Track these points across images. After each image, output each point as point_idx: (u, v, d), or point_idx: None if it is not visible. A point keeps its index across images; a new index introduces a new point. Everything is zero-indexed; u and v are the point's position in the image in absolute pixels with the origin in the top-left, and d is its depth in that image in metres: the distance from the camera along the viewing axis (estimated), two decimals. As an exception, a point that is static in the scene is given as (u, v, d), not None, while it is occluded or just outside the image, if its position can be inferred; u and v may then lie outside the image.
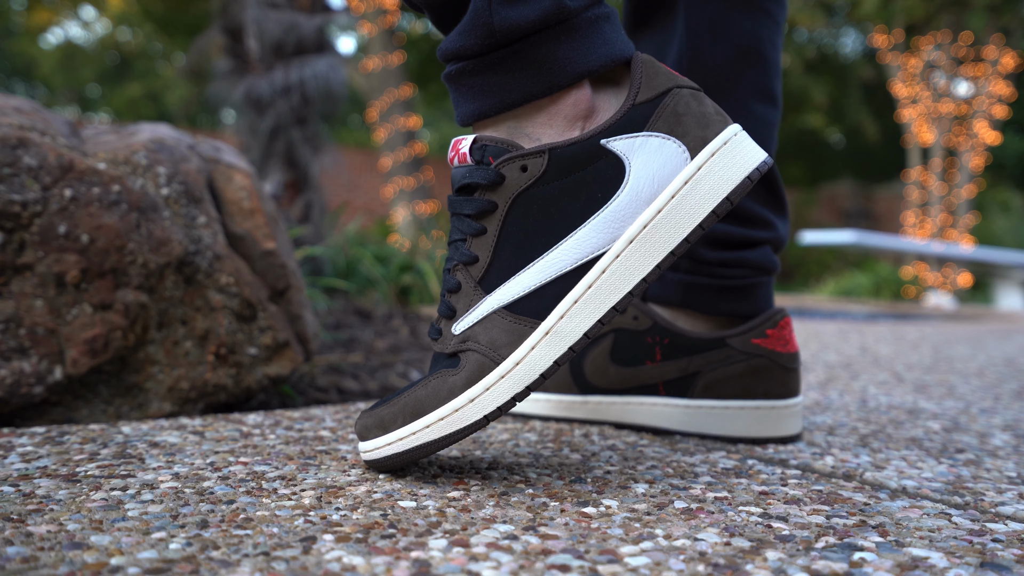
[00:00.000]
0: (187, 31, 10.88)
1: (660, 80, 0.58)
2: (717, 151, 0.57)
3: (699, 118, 0.57)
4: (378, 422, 0.58)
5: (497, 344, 0.56)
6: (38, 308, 0.75)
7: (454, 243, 0.59)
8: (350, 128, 14.02)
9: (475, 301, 0.57)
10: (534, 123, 0.58)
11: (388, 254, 2.19)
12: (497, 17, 0.55)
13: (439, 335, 0.59)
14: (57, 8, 12.73)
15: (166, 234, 0.82)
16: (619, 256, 0.56)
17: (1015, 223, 8.70)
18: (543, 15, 0.56)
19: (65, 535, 0.44)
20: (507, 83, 0.57)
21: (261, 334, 0.88)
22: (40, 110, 0.88)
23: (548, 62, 0.57)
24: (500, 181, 0.56)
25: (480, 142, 0.57)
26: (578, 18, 0.57)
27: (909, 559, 0.45)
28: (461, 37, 0.57)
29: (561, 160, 0.56)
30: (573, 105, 0.58)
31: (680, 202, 0.56)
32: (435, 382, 0.57)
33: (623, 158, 0.56)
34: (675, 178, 0.56)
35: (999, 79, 7.95)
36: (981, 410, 1.03)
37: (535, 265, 0.56)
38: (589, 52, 0.58)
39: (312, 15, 2.22)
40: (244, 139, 2.21)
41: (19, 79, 13.66)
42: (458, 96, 0.60)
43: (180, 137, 0.95)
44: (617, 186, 0.56)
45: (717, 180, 0.56)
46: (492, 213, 0.57)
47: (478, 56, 0.57)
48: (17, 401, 0.74)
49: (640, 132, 0.56)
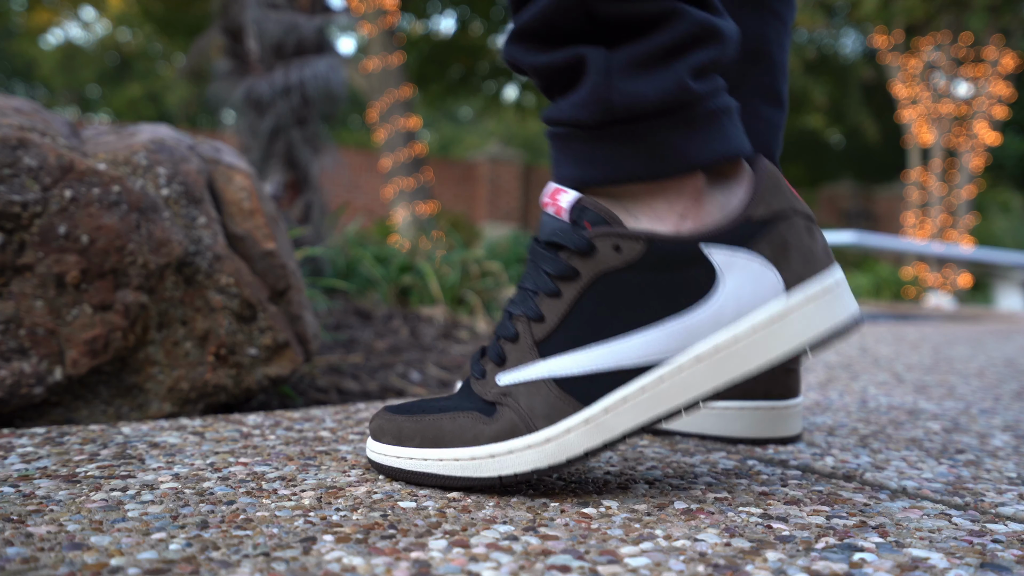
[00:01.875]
0: (187, 32, 10.88)
1: (779, 200, 0.55)
2: (813, 297, 0.54)
3: (806, 254, 0.55)
4: (395, 431, 0.57)
5: (535, 413, 0.54)
6: (38, 309, 0.75)
7: (524, 291, 0.57)
8: (350, 128, 14.03)
9: (527, 360, 0.55)
10: (636, 201, 0.56)
11: (388, 254, 2.19)
12: (617, 94, 0.53)
13: (482, 376, 0.57)
14: (57, 8, 12.73)
15: (166, 235, 0.82)
16: (682, 371, 0.53)
17: (1015, 224, 8.71)
18: (665, 99, 0.53)
19: (65, 536, 0.44)
20: (617, 159, 0.55)
21: (261, 335, 0.88)
22: (40, 111, 0.88)
23: (663, 147, 0.54)
24: (590, 253, 0.54)
25: (583, 204, 0.55)
26: (700, 107, 0.55)
27: (909, 560, 0.45)
28: (575, 109, 0.55)
29: (658, 253, 0.53)
30: (679, 193, 0.55)
31: (760, 338, 0.54)
32: (465, 420, 0.56)
33: (718, 271, 0.53)
34: (762, 311, 0.54)
35: (999, 80, 7.95)
36: (981, 411, 1.03)
37: (597, 349, 0.54)
38: (706, 144, 0.55)
39: (312, 16, 2.22)
40: (244, 140, 2.21)
41: (19, 79, 13.66)
42: (561, 157, 0.57)
43: (180, 138, 0.95)
44: (703, 298, 0.53)
45: (804, 327, 0.54)
46: (572, 281, 0.54)
47: (590, 128, 0.55)
48: (17, 402, 0.74)
49: (743, 249, 0.54)
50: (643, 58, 0.54)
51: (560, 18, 0.54)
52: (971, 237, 8.27)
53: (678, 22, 0.54)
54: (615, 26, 0.54)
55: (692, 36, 0.54)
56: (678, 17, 0.54)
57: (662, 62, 0.54)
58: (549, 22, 0.55)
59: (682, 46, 0.54)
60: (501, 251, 2.45)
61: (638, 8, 0.54)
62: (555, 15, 0.54)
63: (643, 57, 0.54)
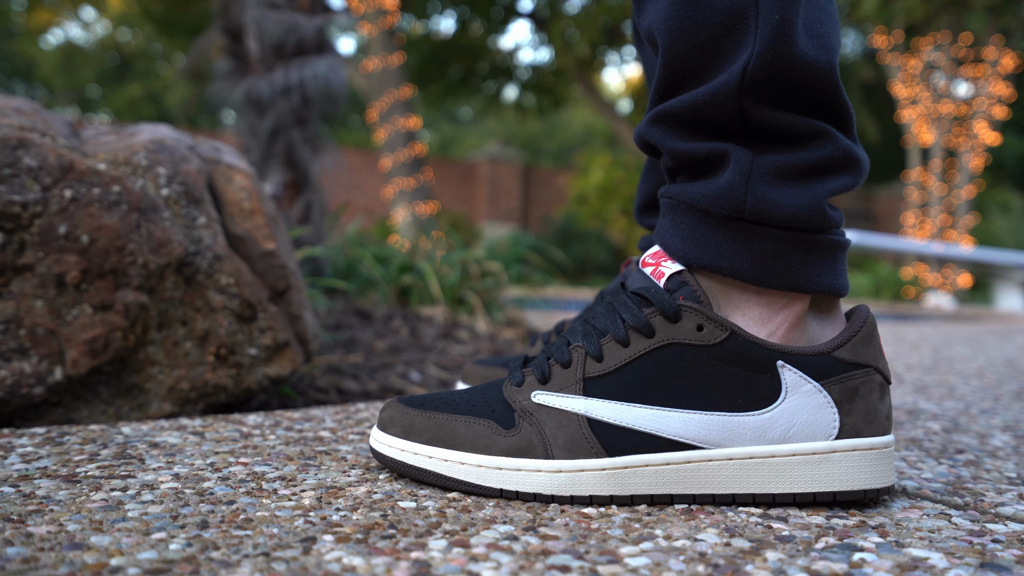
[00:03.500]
0: (187, 32, 10.88)
1: (868, 353, 0.55)
2: (861, 455, 0.54)
3: (869, 412, 0.55)
4: (405, 424, 0.57)
5: (557, 442, 0.54)
6: (38, 309, 0.75)
7: (591, 327, 0.57)
8: (350, 129, 14.02)
9: (570, 391, 0.55)
10: (730, 298, 0.56)
11: (388, 255, 2.19)
12: (752, 197, 0.54)
13: (519, 384, 0.57)
14: (57, 9, 12.73)
15: (166, 235, 0.82)
16: (710, 462, 0.54)
17: (1015, 224, 8.71)
18: (797, 215, 0.54)
19: (65, 536, 0.44)
20: (729, 253, 0.55)
21: (261, 335, 0.88)
22: (40, 111, 0.88)
23: (778, 261, 0.55)
24: (673, 320, 0.54)
25: (685, 279, 0.56)
26: (825, 236, 0.56)
27: (909, 559, 0.45)
28: (706, 198, 0.55)
29: (735, 348, 0.54)
30: (778, 308, 0.56)
31: (795, 465, 0.54)
32: (480, 427, 0.56)
33: (784, 389, 0.54)
34: (807, 444, 0.54)
35: (999, 80, 7.95)
36: (981, 411, 1.03)
37: (640, 409, 0.54)
38: (818, 272, 0.56)
39: (312, 16, 2.22)
40: (244, 140, 2.21)
41: (19, 80, 13.66)
42: (672, 227, 0.58)
43: (180, 138, 0.95)
44: (759, 407, 0.54)
45: (840, 476, 0.54)
46: (645, 337, 0.55)
47: (714, 217, 0.55)
48: (17, 402, 0.74)
49: (815, 382, 0.54)
50: (786, 170, 0.55)
51: (712, 113, 0.55)
52: (971, 237, 8.27)
53: (825, 144, 0.55)
54: (763, 132, 0.55)
55: (835, 161, 0.55)
56: (826, 139, 0.55)
57: (803, 179, 0.55)
58: (700, 114, 0.55)
59: (825, 168, 0.55)
60: (501, 251, 2.45)
61: (790, 121, 0.55)
62: (708, 109, 0.55)
63: (786, 169, 0.55)
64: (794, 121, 0.55)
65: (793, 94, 0.54)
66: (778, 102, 0.55)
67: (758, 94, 0.54)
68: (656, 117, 0.58)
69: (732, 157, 0.55)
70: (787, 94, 0.54)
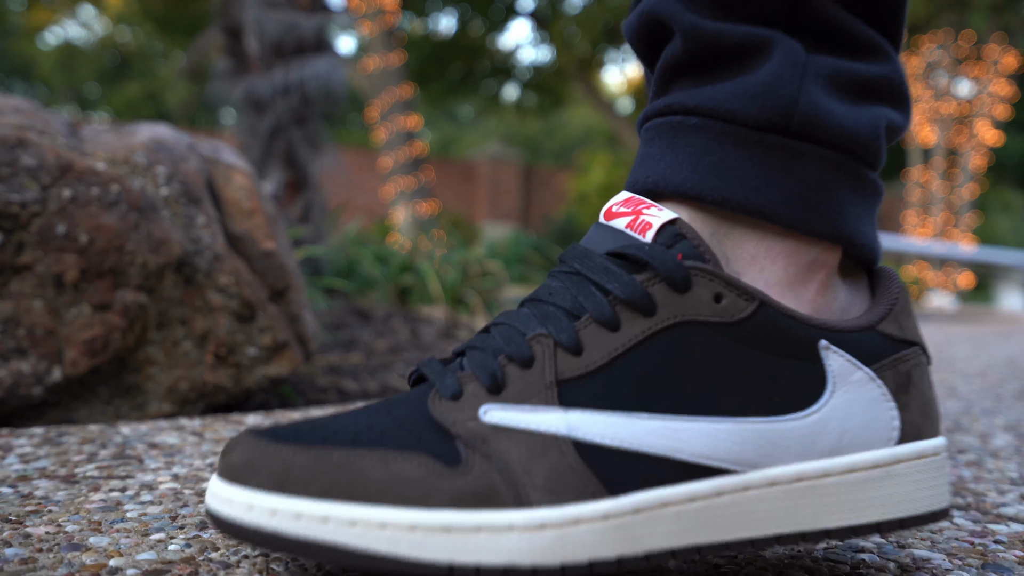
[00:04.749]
0: (187, 30, 10.89)
1: (912, 327, 0.43)
2: (925, 464, 0.41)
3: (926, 406, 0.42)
4: (276, 470, 0.35)
5: (533, 480, 0.35)
6: (37, 309, 0.75)
7: (555, 307, 0.39)
8: (350, 128, 14.02)
9: (539, 400, 0.37)
10: (741, 246, 0.41)
11: (388, 254, 2.19)
12: (805, 97, 0.40)
13: (455, 395, 0.37)
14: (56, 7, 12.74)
15: (165, 234, 0.82)
16: (747, 491, 0.38)
17: (1017, 223, 8.71)
18: (856, 137, 0.41)
19: (64, 536, 0.44)
20: (759, 181, 0.40)
21: (261, 334, 0.88)
22: (39, 110, 0.88)
23: (823, 194, 0.41)
24: (681, 289, 0.38)
25: (681, 229, 0.39)
26: (873, 174, 0.43)
27: (910, 560, 0.45)
28: (738, 98, 0.40)
29: (767, 325, 0.38)
30: (803, 263, 0.42)
31: (853, 488, 0.39)
32: (407, 467, 0.35)
33: (829, 379, 0.39)
34: (866, 455, 0.40)
35: (1001, 79, 7.95)
36: (983, 411, 1.03)
37: (647, 421, 0.37)
38: (863, 218, 0.43)
39: (312, 15, 2.22)
40: (244, 139, 2.21)
41: (18, 78, 13.66)
42: (671, 151, 0.42)
43: (179, 137, 0.95)
44: (801, 406, 0.39)
45: (903, 494, 0.40)
46: (643, 315, 0.38)
47: (742, 126, 0.41)
48: (16, 402, 0.74)
49: (866, 367, 0.40)
50: (843, 79, 0.42)
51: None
52: (973, 237, 8.27)
53: (885, 62, 0.44)
54: (815, 28, 0.42)
55: (892, 87, 0.44)
56: (885, 57, 0.44)
57: (861, 96, 0.43)
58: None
59: (883, 91, 0.44)
60: (501, 250, 2.44)
61: (850, 23, 0.42)
62: None
63: (844, 78, 0.42)
64: (853, 25, 0.42)
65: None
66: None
67: None
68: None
69: (779, 46, 0.41)
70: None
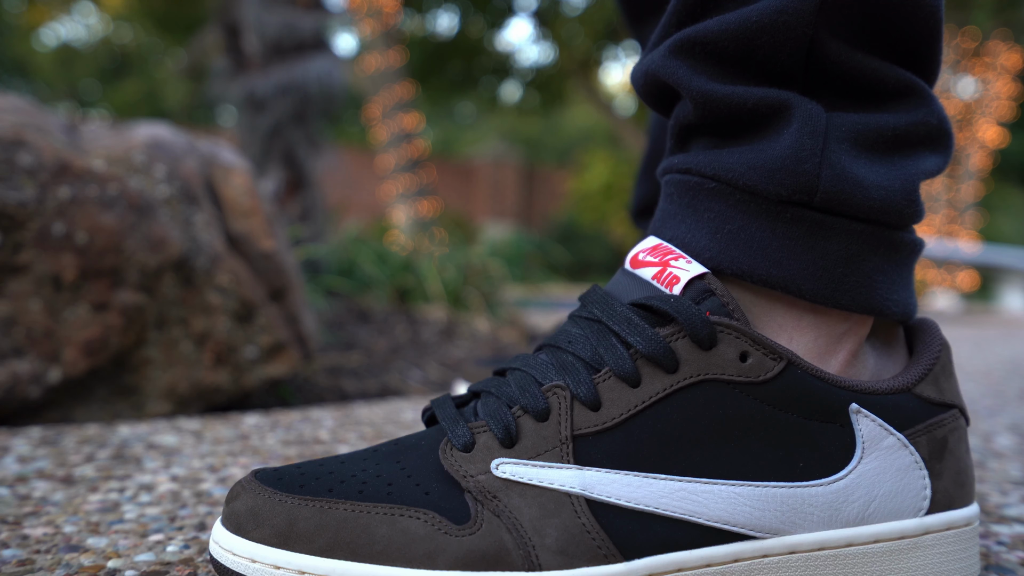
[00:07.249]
0: (186, 28, 10.88)
1: (952, 389, 0.41)
2: (954, 529, 0.39)
3: (960, 474, 0.40)
4: (280, 523, 0.34)
5: (543, 541, 0.35)
6: (35, 309, 0.75)
7: (573, 356, 0.38)
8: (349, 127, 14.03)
9: (554, 456, 0.36)
10: (771, 316, 0.39)
11: (388, 254, 2.19)
12: (828, 175, 0.37)
13: (468, 447, 0.37)
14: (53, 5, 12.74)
15: (164, 234, 0.81)
16: (766, 557, 0.37)
17: (1020, 223, 8.71)
18: (887, 206, 0.38)
19: (62, 537, 0.44)
20: (782, 254, 0.38)
21: (259, 334, 0.88)
22: (37, 109, 0.88)
23: (851, 268, 0.38)
24: (706, 346, 0.36)
25: (711, 286, 0.37)
26: (907, 235, 0.40)
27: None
28: (755, 172, 0.37)
29: (794, 386, 0.37)
30: (833, 335, 0.39)
31: (878, 559, 0.38)
32: (412, 523, 0.34)
33: (859, 444, 0.37)
34: (893, 525, 0.38)
35: (1004, 77, 7.96)
36: (986, 411, 1.03)
37: (665, 482, 0.36)
38: (895, 285, 0.40)
39: (311, 13, 2.22)
40: (243, 138, 2.21)
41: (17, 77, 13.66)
42: (692, 214, 0.40)
43: (178, 136, 0.95)
44: (827, 472, 0.37)
45: (930, 566, 0.39)
46: (665, 371, 0.36)
47: (762, 200, 0.38)
48: (13, 402, 0.74)
49: (899, 432, 0.38)
50: (870, 137, 0.38)
51: (769, 43, 0.37)
52: (976, 236, 8.27)
53: (917, 105, 0.39)
54: (835, 80, 0.38)
55: (928, 131, 0.40)
56: (918, 99, 0.39)
57: (891, 151, 0.39)
58: (750, 43, 0.38)
59: (916, 139, 0.39)
60: (502, 250, 2.44)
61: (875, 68, 0.38)
62: (763, 37, 0.37)
63: (870, 136, 0.38)
64: (879, 68, 0.38)
65: (884, 29, 0.38)
66: (863, 38, 0.38)
67: (839, 22, 0.37)
68: (680, 45, 0.39)
69: (796, 111, 0.37)
70: (877, 28, 0.38)
